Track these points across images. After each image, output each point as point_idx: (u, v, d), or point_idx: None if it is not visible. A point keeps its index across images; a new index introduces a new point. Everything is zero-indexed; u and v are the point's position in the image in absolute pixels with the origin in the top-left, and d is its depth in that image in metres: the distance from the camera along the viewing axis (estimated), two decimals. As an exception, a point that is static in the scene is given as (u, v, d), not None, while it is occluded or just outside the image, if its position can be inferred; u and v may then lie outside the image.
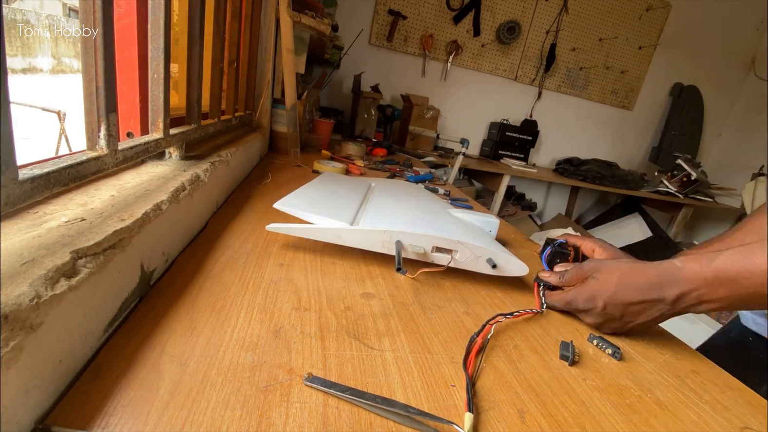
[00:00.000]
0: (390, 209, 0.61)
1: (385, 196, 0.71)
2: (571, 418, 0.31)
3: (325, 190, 0.67)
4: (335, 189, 0.69)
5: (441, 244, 0.49)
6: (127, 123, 0.52)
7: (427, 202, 0.72)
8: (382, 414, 0.28)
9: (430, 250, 0.50)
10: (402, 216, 0.58)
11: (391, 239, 0.49)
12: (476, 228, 0.62)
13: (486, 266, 0.49)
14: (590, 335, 0.43)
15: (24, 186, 0.27)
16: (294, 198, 0.57)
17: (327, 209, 0.55)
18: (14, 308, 0.20)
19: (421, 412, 0.27)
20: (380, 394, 0.29)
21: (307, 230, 0.50)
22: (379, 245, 0.49)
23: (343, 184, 0.75)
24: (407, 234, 0.49)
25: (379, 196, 0.70)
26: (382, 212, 0.59)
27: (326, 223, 0.51)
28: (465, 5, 2.40)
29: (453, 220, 0.61)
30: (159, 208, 0.38)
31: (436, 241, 0.49)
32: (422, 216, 0.60)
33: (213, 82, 0.75)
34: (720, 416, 0.34)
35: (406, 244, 0.49)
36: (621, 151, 2.99)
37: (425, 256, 0.50)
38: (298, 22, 1.07)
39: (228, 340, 0.32)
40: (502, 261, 0.49)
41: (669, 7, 2.68)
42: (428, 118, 2.27)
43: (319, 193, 0.64)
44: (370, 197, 0.69)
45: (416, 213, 0.61)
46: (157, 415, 0.24)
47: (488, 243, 0.52)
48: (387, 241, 0.49)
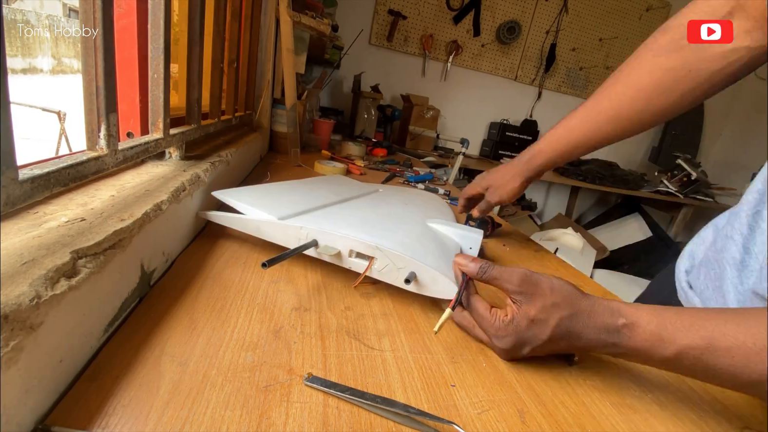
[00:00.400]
0: (352, 214, 0.55)
1: (369, 202, 0.65)
2: (571, 418, 0.31)
3: (301, 188, 0.64)
4: (318, 188, 0.66)
5: (359, 248, 0.43)
6: (127, 123, 0.52)
7: (410, 210, 0.65)
8: (382, 414, 0.28)
9: (346, 253, 0.44)
10: (351, 220, 0.52)
11: (308, 236, 0.45)
12: (444, 242, 0.52)
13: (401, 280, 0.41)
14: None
15: (24, 186, 0.27)
16: (241, 190, 0.56)
17: (268, 203, 0.52)
18: (14, 308, 0.20)
19: (421, 412, 0.27)
20: (380, 394, 0.29)
21: (230, 219, 0.49)
22: (294, 241, 0.45)
23: (343, 186, 0.72)
24: (324, 233, 0.44)
25: (361, 201, 0.65)
26: (337, 215, 0.53)
27: (253, 214, 0.49)
28: (465, 5, 2.40)
29: (415, 231, 0.52)
30: (159, 208, 0.38)
31: (354, 245, 0.43)
32: (378, 222, 0.52)
33: (213, 82, 0.74)
34: (720, 416, 0.34)
35: (321, 244, 0.44)
36: (621, 151, 2.99)
37: (339, 258, 0.44)
38: (298, 22, 1.07)
39: (228, 340, 0.32)
40: (426, 277, 0.40)
41: (669, 7, 2.68)
42: (428, 118, 2.27)
43: (284, 189, 0.61)
44: (354, 201, 0.64)
45: (375, 219, 0.54)
46: (157, 415, 0.24)
47: (433, 258, 0.44)
48: (302, 239, 0.45)
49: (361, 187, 0.79)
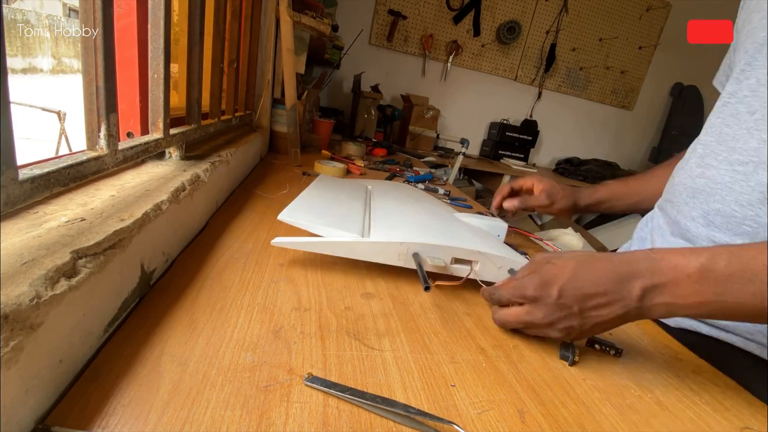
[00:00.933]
0: (396, 216, 0.58)
1: (387, 200, 0.68)
2: (571, 418, 0.31)
3: (325, 196, 0.63)
4: (336, 195, 0.66)
5: (461, 255, 0.46)
6: (127, 123, 0.52)
7: (430, 206, 0.69)
8: (382, 414, 0.28)
9: (449, 261, 0.47)
10: (411, 223, 0.55)
11: (408, 251, 0.46)
12: (487, 234, 0.59)
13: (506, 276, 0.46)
14: (588, 340, 0.41)
15: (24, 186, 0.27)
16: (297, 208, 0.53)
17: (334, 219, 0.51)
18: (14, 308, 0.20)
19: (421, 412, 0.27)
20: (380, 394, 0.29)
21: (316, 245, 0.46)
22: (395, 258, 0.46)
23: (343, 188, 0.72)
24: (425, 245, 0.46)
25: (380, 201, 0.67)
26: (389, 220, 0.56)
27: (336, 235, 0.47)
28: (465, 5, 2.40)
29: (464, 226, 0.59)
30: (159, 208, 0.38)
31: (456, 252, 0.46)
32: (432, 223, 0.57)
33: (213, 82, 0.74)
34: (720, 416, 0.34)
35: (425, 257, 0.46)
36: (621, 151, 2.99)
37: (445, 268, 0.47)
38: (298, 22, 1.07)
39: (228, 340, 0.32)
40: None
41: (669, 7, 2.68)
42: (428, 118, 2.27)
43: (321, 200, 0.60)
44: (371, 202, 0.66)
45: (425, 219, 0.58)
46: (157, 415, 0.24)
47: (505, 251, 0.50)
48: (404, 254, 0.46)
49: (355, 185, 0.78)
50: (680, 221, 0.50)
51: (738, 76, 0.47)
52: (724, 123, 0.47)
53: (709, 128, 0.50)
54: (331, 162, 1.08)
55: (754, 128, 0.43)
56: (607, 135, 2.96)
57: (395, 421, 0.27)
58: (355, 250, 0.46)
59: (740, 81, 0.46)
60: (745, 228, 0.43)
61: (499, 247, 0.52)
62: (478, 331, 0.41)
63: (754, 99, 0.44)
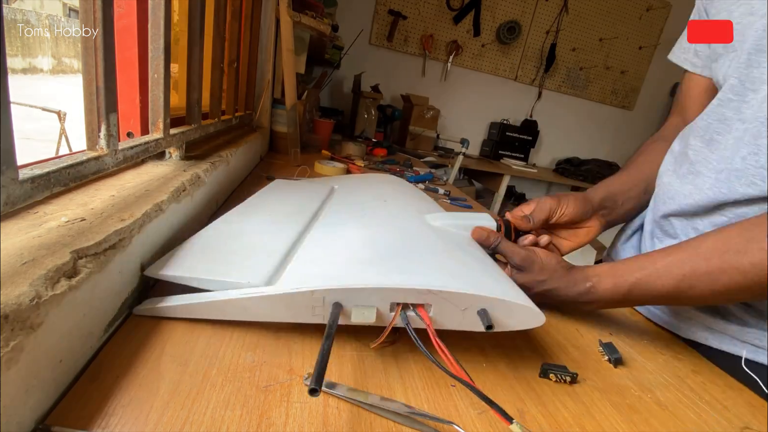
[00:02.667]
0: (337, 236, 0.42)
1: (342, 209, 0.53)
2: (571, 418, 0.31)
3: (250, 218, 0.48)
4: (270, 211, 0.51)
5: (403, 298, 0.31)
6: (127, 123, 0.52)
7: (396, 208, 0.53)
8: (382, 414, 0.28)
9: (388, 309, 0.32)
10: (350, 248, 0.38)
11: (326, 302, 0.31)
12: (463, 243, 0.44)
13: (476, 322, 0.31)
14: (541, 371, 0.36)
15: (24, 186, 0.27)
16: (186, 250, 0.38)
17: (236, 258, 0.36)
18: (14, 308, 0.20)
19: (421, 412, 0.27)
20: (380, 394, 0.29)
21: (189, 308, 0.33)
22: (308, 314, 0.31)
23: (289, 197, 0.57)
24: (349, 291, 0.30)
25: (335, 210, 0.52)
26: (326, 243, 0.40)
27: (225, 285, 0.33)
28: (465, 5, 2.40)
29: (427, 237, 0.43)
30: (159, 208, 0.38)
31: (395, 295, 0.31)
32: (384, 240, 0.40)
33: (213, 82, 0.74)
34: (720, 416, 0.34)
35: (348, 308, 0.31)
36: (621, 151, 2.99)
37: (381, 319, 0.32)
38: (298, 22, 1.07)
39: (228, 340, 0.32)
40: (501, 310, 0.31)
41: (669, 7, 2.68)
42: (428, 118, 2.27)
43: (236, 227, 0.44)
44: (320, 214, 0.51)
45: (376, 236, 0.42)
46: (157, 415, 0.24)
47: (477, 278, 0.35)
48: (319, 307, 0.31)
49: (314, 190, 0.63)
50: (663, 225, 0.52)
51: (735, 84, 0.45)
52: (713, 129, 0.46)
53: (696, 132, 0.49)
54: (331, 162, 1.08)
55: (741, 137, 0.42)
56: (607, 135, 2.96)
57: (395, 421, 0.27)
58: (249, 308, 0.32)
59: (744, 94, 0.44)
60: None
61: (470, 270, 0.36)
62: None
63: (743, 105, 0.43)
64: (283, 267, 0.35)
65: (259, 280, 0.32)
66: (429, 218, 0.49)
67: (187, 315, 0.33)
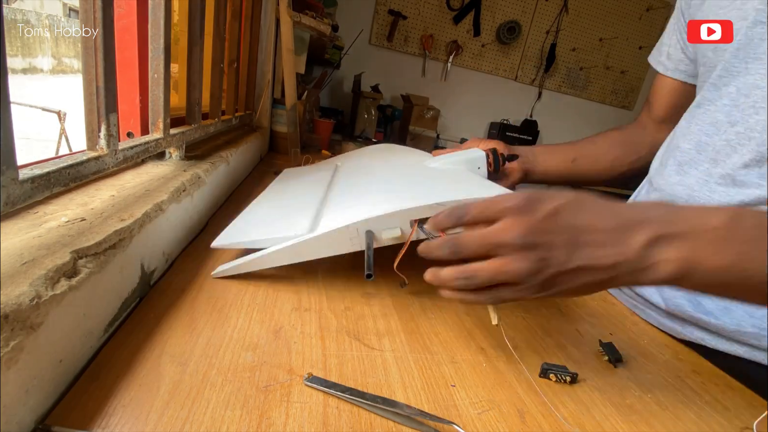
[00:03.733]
0: (354, 191, 0.50)
1: (352, 174, 0.60)
2: (571, 418, 0.31)
3: (276, 198, 0.57)
4: (291, 191, 0.59)
5: (419, 214, 0.38)
6: (127, 123, 0.52)
7: (398, 162, 0.61)
8: (382, 414, 0.28)
9: (409, 227, 0.39)
10: (369, 194, 0.47)
11: (360, 232, 0.38)
12: (461, 173, 0.51)
13: None
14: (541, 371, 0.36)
15: (24, 186, 0.27)
16: (235, 226, 0.47)
17: (277, 223, 0.45)
18: (14, 308, 0.20)
19: (421, 412, 0.27)
20: (380, 394, 0.29)
21: (255, 261, 0.40)
22: (347, 245, 0.39)
23: (303, 178, 0.65)
24: (376, 219, 0.38)
25: (345, 177, 0.59)
26: (347, 198, 0.48)
27: (278, 240, 0.41)
28: (465, 5, 2.40)
29: (431, 174, 0.50)
30: (159, 208, 0.38)
31: (412, 214, 0.38)
32: (394, 184, 0.49)
33: (213, 82, 0.75)
34: (720, 416, 0.34)
35: (379, 231, 0.39)
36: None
37: (404, 237, 0.39)
38: (298, 22, 1.07)
39: (228, 340, 0.32)
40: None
41: (669, 7, 2.68)
42: (428, 118, 2.27)
43: (268, 204, 0.54)
44: (334, 183, 0.58)
45: (386, 184, 0.50)
46: (157, 415, 0.24)
47: (478, 187, 0.43)
48: (356, 237, 0.39)
49: (322, 169, 0.71)
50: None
51: (715, 81, 0.45)
52: (702, 131, 0.46)
53: (688, 135, 0.48)
54: (331, 162, 1.08)
55: (735, 141, 0.42)
56: (607, 135, 2.96)
57: (395, 421, 0.27)
58: (301, 252, 0.40)
59: (718, 87, 0.45)
60: None
61: (474, 185, 0.45)
62: (478, 331, 0.41)
63: (734, 109, 0.43)
64: (317, 220, 0.44)
65: (302, 230, 0.41)
66: (427, 162, 0.57)
67: (254, 268, 0.41)
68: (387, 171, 0.57)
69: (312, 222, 0.43)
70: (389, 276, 0.49)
